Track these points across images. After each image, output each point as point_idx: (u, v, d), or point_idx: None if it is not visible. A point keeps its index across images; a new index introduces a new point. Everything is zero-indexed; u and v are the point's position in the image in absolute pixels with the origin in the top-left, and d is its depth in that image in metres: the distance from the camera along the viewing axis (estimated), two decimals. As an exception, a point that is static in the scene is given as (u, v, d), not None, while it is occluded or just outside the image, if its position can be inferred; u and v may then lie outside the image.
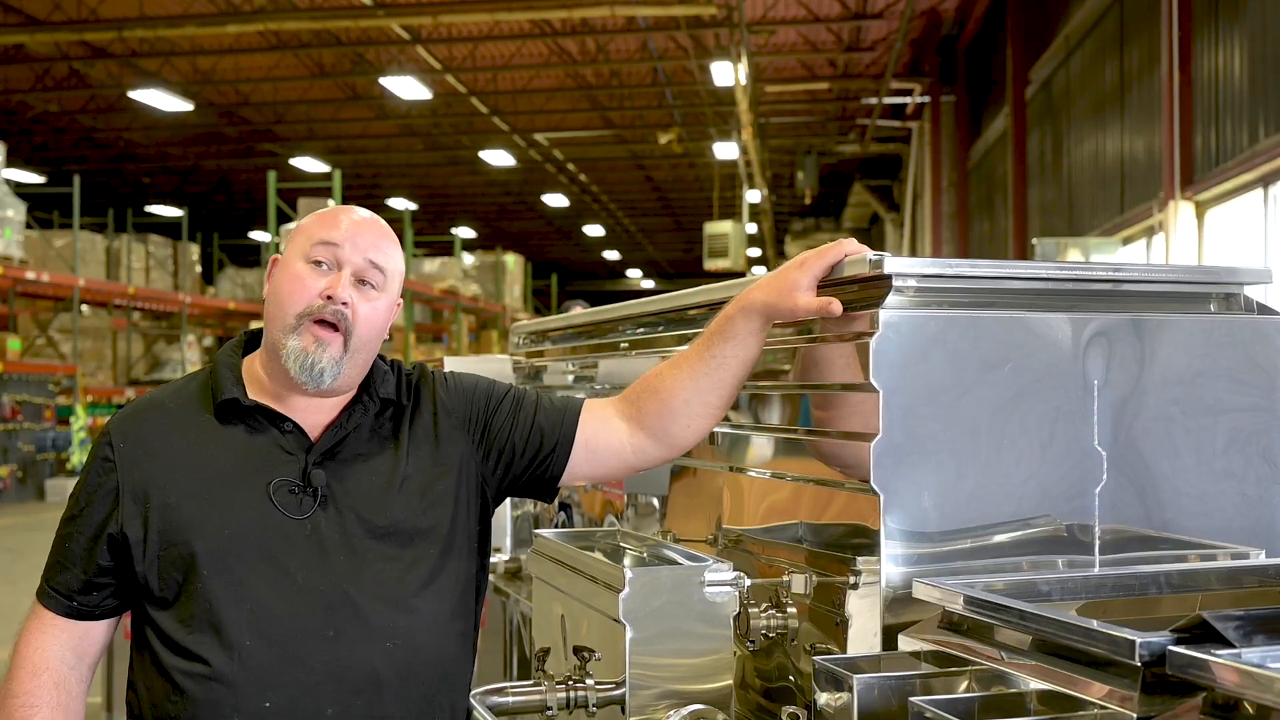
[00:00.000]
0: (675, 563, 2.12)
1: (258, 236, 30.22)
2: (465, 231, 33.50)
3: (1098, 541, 1.91)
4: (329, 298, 1.87)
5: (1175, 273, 2.21)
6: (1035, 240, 12.05)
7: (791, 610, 2.04)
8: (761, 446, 2.26)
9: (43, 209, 22.91)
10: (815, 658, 1.69)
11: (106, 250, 21.54)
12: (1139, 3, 11.09)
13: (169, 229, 25.02)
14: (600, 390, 3.20)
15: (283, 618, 1.80)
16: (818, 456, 2.02)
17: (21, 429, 17.42)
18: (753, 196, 24.25)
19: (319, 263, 1.90)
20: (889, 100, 19.88)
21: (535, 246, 39.78)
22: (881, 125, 21.17)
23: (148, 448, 1.89)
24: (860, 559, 1.87)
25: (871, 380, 1.81)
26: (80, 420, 18.12)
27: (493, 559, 2.15)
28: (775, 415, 2.21)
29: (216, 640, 1.79)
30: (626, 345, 2.95)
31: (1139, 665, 1.32)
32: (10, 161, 18.66)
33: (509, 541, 3.78)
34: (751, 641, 2.02)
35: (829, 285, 1.95)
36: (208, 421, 1.90)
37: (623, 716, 1.98)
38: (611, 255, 44.30)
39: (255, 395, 1.92)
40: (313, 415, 1.92)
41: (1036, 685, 1.47)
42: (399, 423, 1.97)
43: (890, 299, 1.85)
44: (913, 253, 20.11)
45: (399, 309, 2.00)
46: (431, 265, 25.20)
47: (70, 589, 1.89)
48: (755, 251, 32.78)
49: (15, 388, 17.36)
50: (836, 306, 1.88)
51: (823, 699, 1.66)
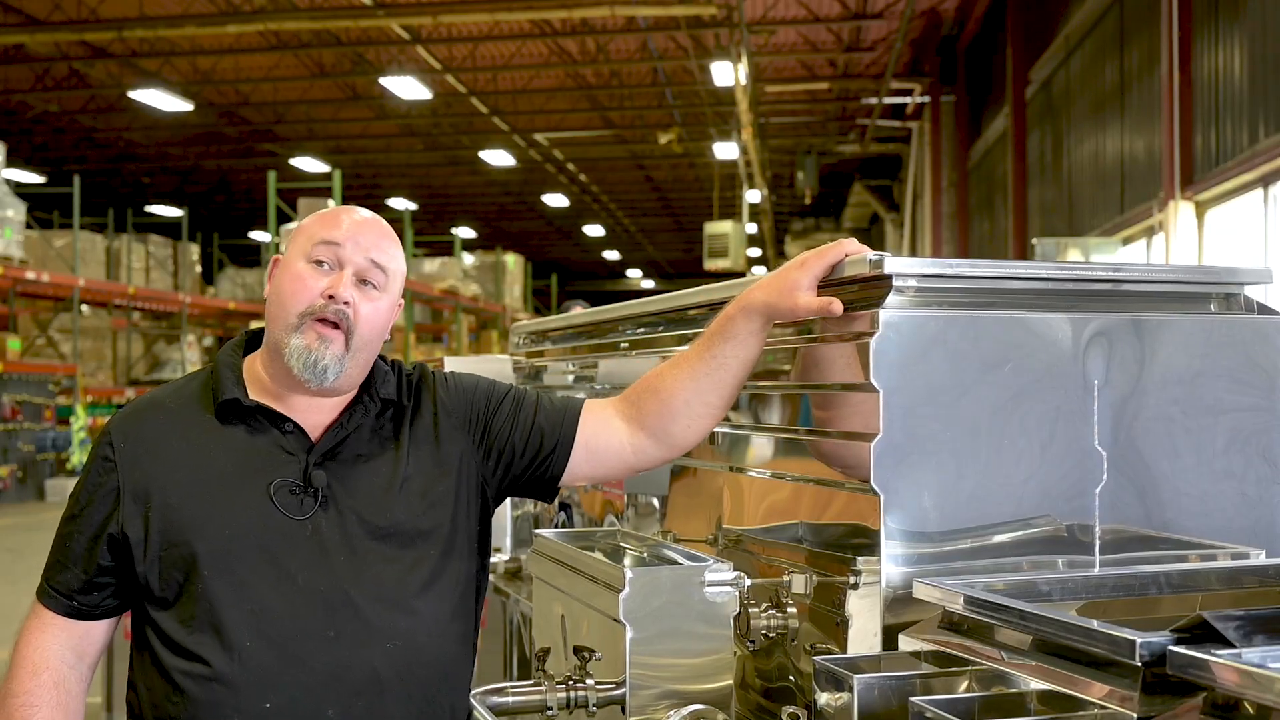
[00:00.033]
0: (675, 563, 2.12)
1: (258, 236, 30.22)
2: (465, 231, 33.50)
3: (1098, 541, 1.91)
4: (331, 297, 1.87)
5: (1175, 273, 2.21)
6: (1035, 240, 12.05)
7: (791, 610, 2.04)
8: (762, 446, 2.26)
9: (43, 209, 22.91)
10: (815, 658, 1.69)
11: (106, 250, 21.54)
12: (1139, 3, 11.09)
13: (169, 229, 25.02)
14: (600, 390, 3.20)
15: (283, 618, 1.80)
16: (818, 456, 2.02)
17: (21, 429, 17.42)
18: (753, 196, 24.25)
19: (321, 262, 1.90)
20: (889, 100, 19.88)
21: (535, 246, 39.78)
22: (881, 125, 21.16)
23: (148, 447, 1.89)
24: (860, 559, 1.87)
25: (872, 380, 1.81)
26: (80, 420, 18.11)
27: (493, 559, 2.14)
28: (775, 415, 2.21)
29: (217, 641, 1.79)
30: (626, 345, 2.95)
31: (1139, 665, 1.32)
32: (10, 161, 18.66)
33: (509, 541, 3.78)
34: (751, 641, 2.02)
35: (829, 285, 1.95)
36: (208, 421, 1.90)
37: (623, 716, 1.98)
38: (611, 255, 44.30)
39: (256, 395, 1.91)
40: (314, 415, 1.92)
41: (1037, 685, 1.47)
42: (399, 423, 1.97)
43: (890, 299, 1.85)
44: (913, 253, 20.10)
45: (400, 309, 2.00)
46: (431, 265, 25.19)
47: (70, 589, 1.89)
48: (755, 251, 32.77)
49: (15, 388, 17.36)
50: (837, 306, 1.88)
51: (823, 699, 1.66)
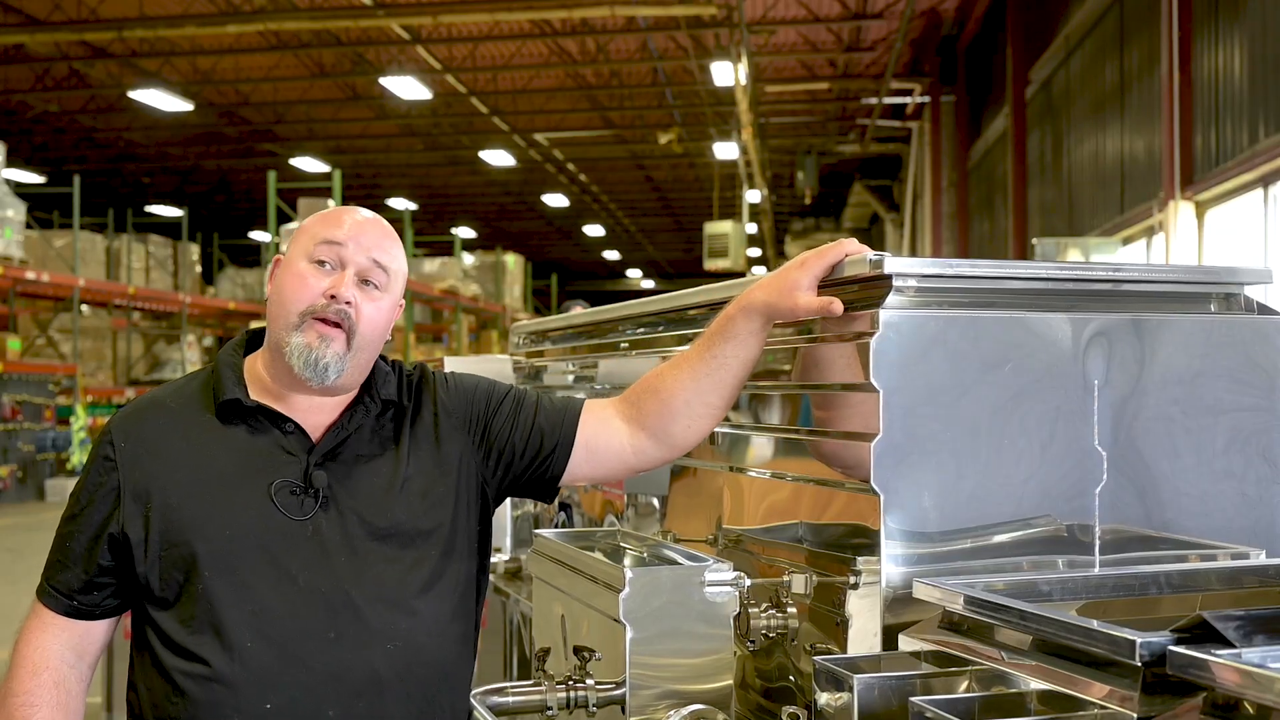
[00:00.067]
0: (675, 563, 2.12)
1: (258, 236, 30.22)
2: (465, 231, 33.50)
3: (1098, 541, 1.91)
4: (333, 297, 1.86)
5: (1175, 273, 2.21)
6: (1035, 240, 12.05)
7: (791, 610, 2.04)
8: (762, 446, 2.26)
9: (43, 209, 22.91)
10: (815, 658, 1.69)
11: (106, 250, 21.54)
12: (1139, 3, 11.09)
13: (169, 229, 25.02)
14: (600, 390, 3.20)
15: (284, 619, 1.80)
16: (818, 457, 2.02)
17: (21, 429, 17.42)
18: (753, 196, 24.25)
19: (322, 262, 1.89)
20: (889, 100, 19.88)
21: (535, 246, 39.78)
22: (881, 125, 21.16)
23: (149, 447, 1.89)
24: (860, 559, 1.87)
25: (872, 380, 1.81)
26: (80, 420, 18.11)
27: (493, 559, 2.15)
28: (775, 415, 2.21)
29: (217, 641, 1.79)
30: (626, 345, 2.95)
31: (1139, 665, 1.32)
32: (10, 161, 18.66)
33: (509, 541, 3.78)
34: (751, 641, 2.02)
35: (829, 285, 1.95)
36: (209, 421, 1.90)
37: (623, 716, 1.98)
38: (611, 255, 44.30)
39: (257, 395, 1.91)
40: (314, 416, 1.92)
41: (1037, 685, 1.47)
42: (400, 424, 1.97)
43: (890, 299, 1.85)
44: (913, 253, 20.10)
45: (401, 309, 2.00)
46: (431, 265, 25.19)
47: (71, 588, 1.89)
48: (755, 251, 32.77)
49: (15, 388, 17.36)
50: (837, 306, 1.88)
51: (823, 699, 1.66)
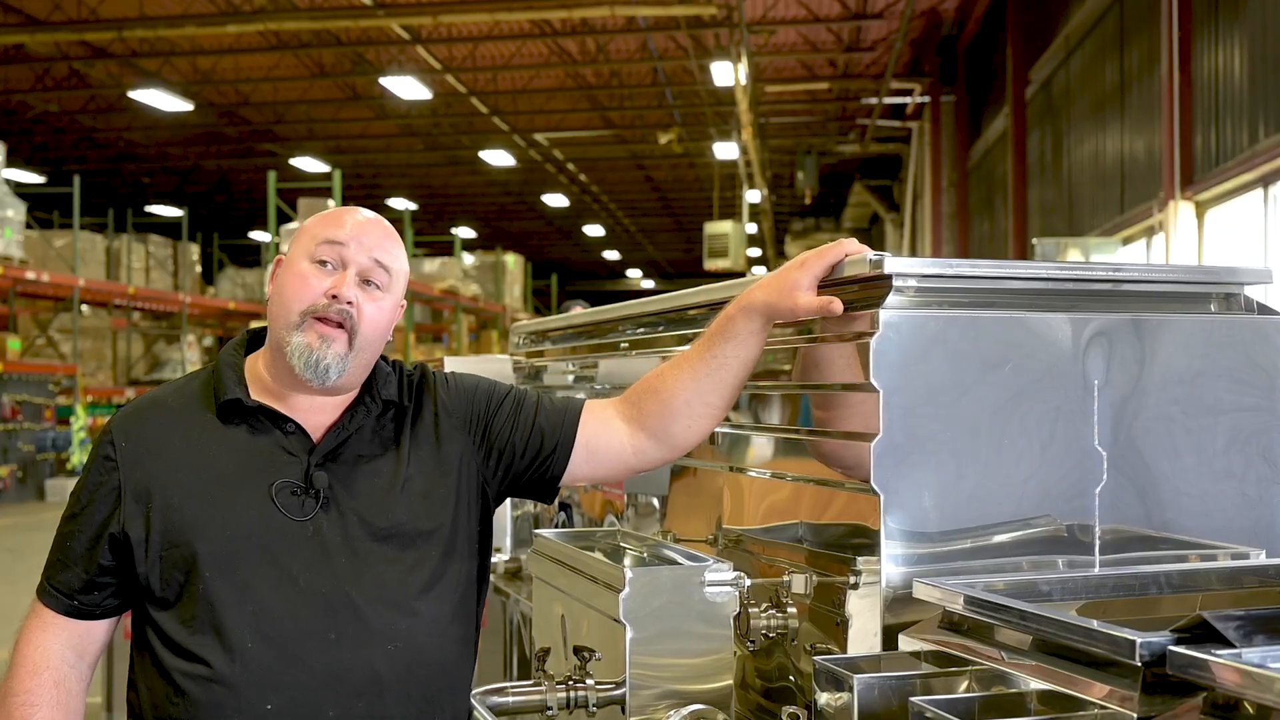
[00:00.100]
0: (675, 563, 2.12)
1: (258, 236, 30.22)
2: (465, 231, 33.50)
3: (1098, 541, 1.91)
4: (334, 297, 1.86)
5: (1175, 273, 2.21)
6: (1035, 240, 12.05)
7: (791, 610, 2.04)
8: (762, 446, 2.26)
9: (43, 209, 22.91)
10: (815, 658, 1.69)
11: (106, 250, 21.54)
12: (1139, 3, 11.09)
13: (169, 229, 25.02)
14: (600, 390, 3.20)
15: (284, 619, 1.80)
16: (818, 457, 2.02)
17: (21, 429, 17.42)
18: (753, 196, 24.25)
19: (324, 262, 1.89)
20: (889, 100, 19.88)
21: (535, 246, 39.78)
22: (881, 125, 21.16)
23: (150, 447, 1.88)
24: (860, 559, 1.87)
25: (872, 380, 1.81)
26: (80, 420, 18.12)
27: (493, 559, 2.14)
28: (775, 415, 2.21)
29: (218, 642, 1.79)
30: (626, 345, 2.95)
31: (1139, 665, 1.32)
32: (10, 161, 18.66)
33: (509, 541, 3.78)
34: (751, 641, 2.02)
35: (829, 285, 1.95)
36: (210, 421, 1.90)
37: (623, 716, 1.98)
38: (611, 255, 44.30)
39: (258, 395, 1.91)
40: (315, 416, 1.91)
41: (1037, 685, 1.47)
42: (400, 424, 1.97)
43: (890, 299, 1.85)
44: (913, 253, 20.10)
45: (403, 310, 2.00)
46: (431, 265, 25.19)
47: (71, 588, 1.88)
48: (755, 251, 32.77)
49: (15, 388, 17.36)
50: (837, 305, 1.88)
51: (823, 699, 1.66)
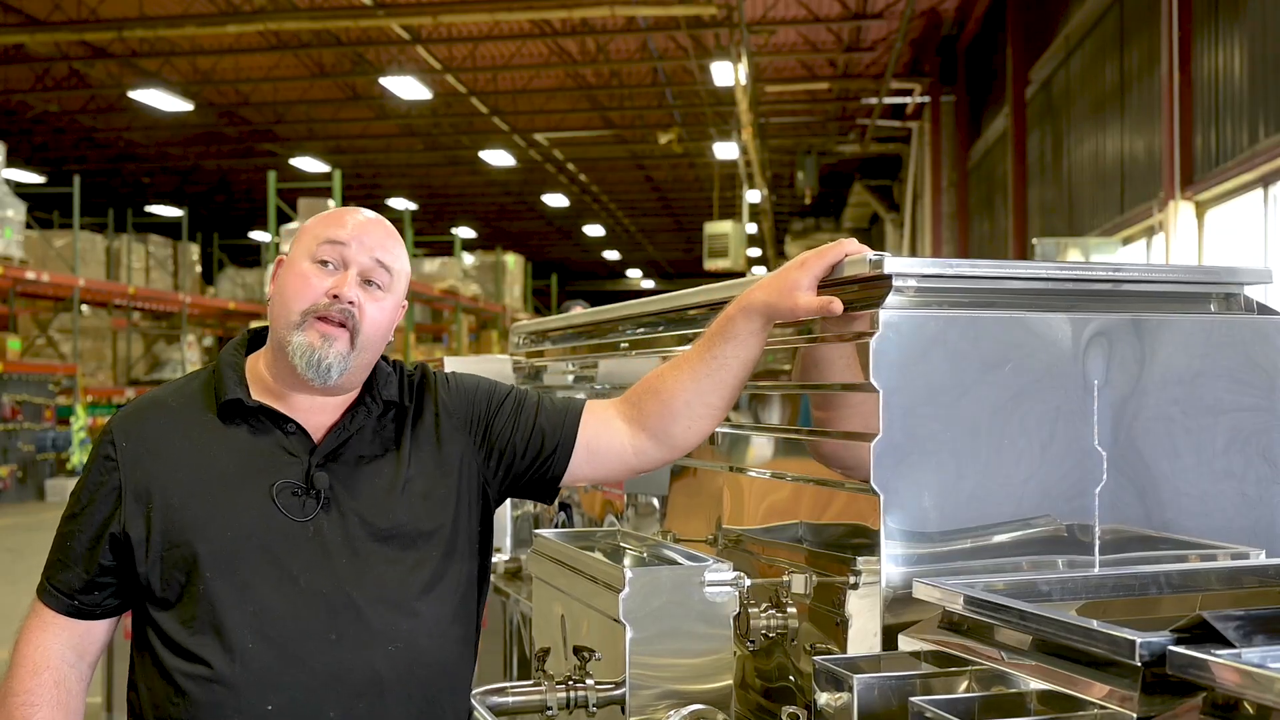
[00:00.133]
0: (675, 563, 2.12)
1: (258, 236, 30.22)
2: (465, 231, 33.50)
3: (1098, 541, 1.91)
4: (335, 297, 1.86)
5: (1175, 273, 2.21)
6: (1035, 240, 12.05)
7: (791, 610, 2.04)
8: (761, 446, 2.26)
9: (43, 209, 22.91)
10: (815, 658, 1.69)
11: (106, 250, 21.55)
12: (1139, 3, 11.09)
13: (169, 229, 25.02)
14: (600, 390, 3.21)
15: (285, 620, 1.80)
16: (818, 457, 2.02)
17: (21, 429, 17.42)
18: (753, 196, 24.25)
19: (325, 262, 1.89)
20: (889, 100, 19.88)
21: (535, 246, 39.78)
22: (881, 125, 21.16)
23: (150, 447, 1.88)
24: (860, 559, 1.87)
25: (871, 380, 1.81)
26: (80, 420, 18.11)
27: (493, 559, 2.14)
28: (775, 415, 2.21)
29: (218, 642, 1.79)
30: (626, 345, 2.95)
31: (1139, 665, 1.32)
32: (10, 161, 18.66)
33: (509, 541, 3.78)
34: (751, 641, 2.02)
35: (829, 285, 1.95)
36: (211, 421, 1.90)
37: (623, 716, 1.98)
38: (611, 255, 44.30)
39: (258, 395, 1.91)
40: (316, 416, 1.91)
41: (1036, 685, 1.47)
42: (401, 425, 1.97)
43: (890, 299, 1.85)
44: (913, 253, 20.10)
45: (404, 310, 2.00)
46: (431, 265, 25.20)
47: (72, 588, 1.88)
48: (755, 251, 32.77)
49: (15, 388, 17.36)
50: (837, 305, 1.88)
51: (823, 699, 1.66)
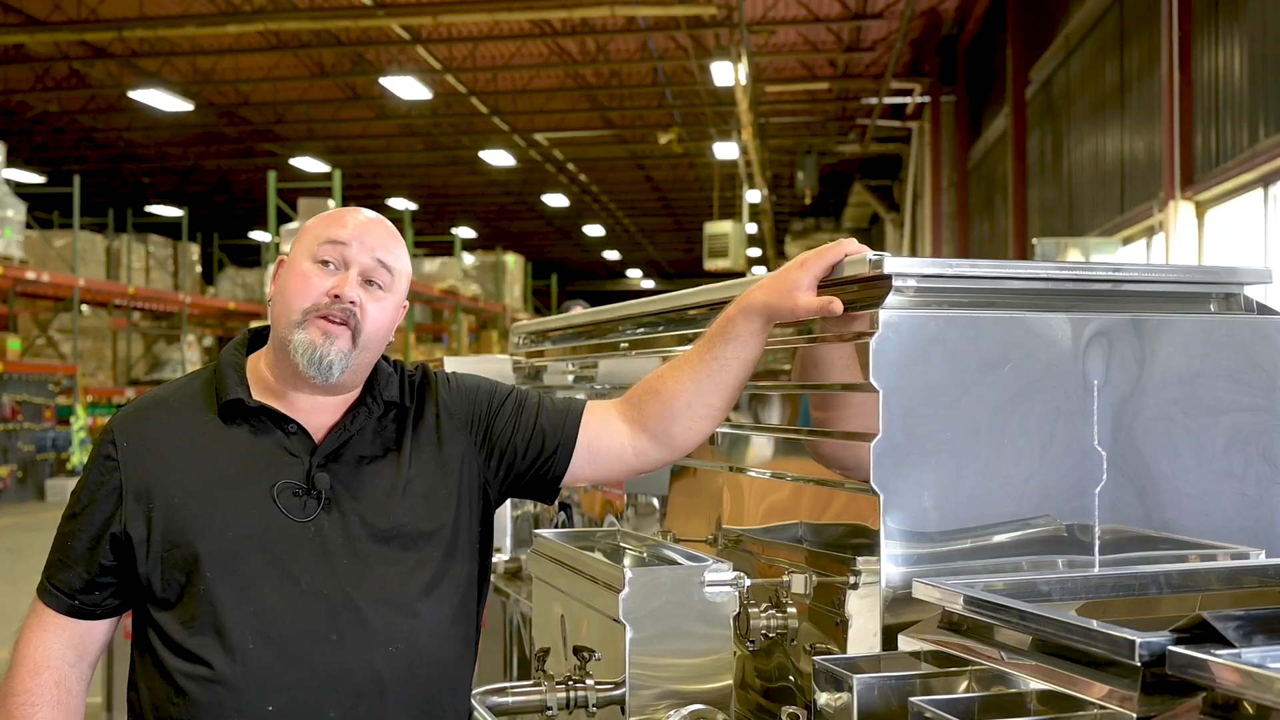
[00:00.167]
0: (675, 563, 2.12)
1: (258, 236, 30.22)
2: (465, 231, 33.50)
3: (1098, 541, 1.91)
4: (336, 296, 1.86)
5: (1175, 273, 2.21)
6: (1035, 240, 12.05)
7: (791, 610, 2.04)
8: (761, 446, 2.26)
9: (43, 209, 22.91)
10: (815, 658, 1.69)
11: (106, 250, 21.55)
12: (1139, 3, 11.09)
13: (169, 229, 25.02)
14: (600, 390, 3.21)
15: (285, 620, 1.80)
16: (818, 457, 2.02)
17: (21, 429, 17.42)
18: (753, 196, 24.25)
19: (326, 262, 1.89)
20: (889, 100, 19.88)
21: (535, 246, 39.78)
22: (881, 125, 21.16)
23: (151, 447, 1.88)
24: (860, 559, 1.87)
25: (871, 380, 1.81)
26: (80, 420, 18.11)
27: (493, 559, 2.14)
28: (775, 415, 2.21)
29: (218, 643, 1.78)
30: (626, 345, 2.95)
31: (1139, 665, 1.32)
32: (10, 161, 18.66)
33: (509, 541, 3.78)
34: (751, 641, 2.02)
35: (829, 285, 1.95)
36: (211, 421, 1.90)
37: (623, 716, 1.98)
38: (611, 255, 44.30)
39: (259, 395, 1.91)
40: (317, 416, 1.91)
41: (1036, 685, 1.47)
42: (402, 425, 1.96)
43: (890, 299, 1.85)
44: (913, 253, 20.10)
45: (405, 310, 2.00)
46: (431, 265, 25.20)
47: (72, 588, 1.88)
48: (755, 251, 32.77)
49: (15, 388, 17.36)
50: (837, 305, 1.88)
51: (823, 699, 1.66)
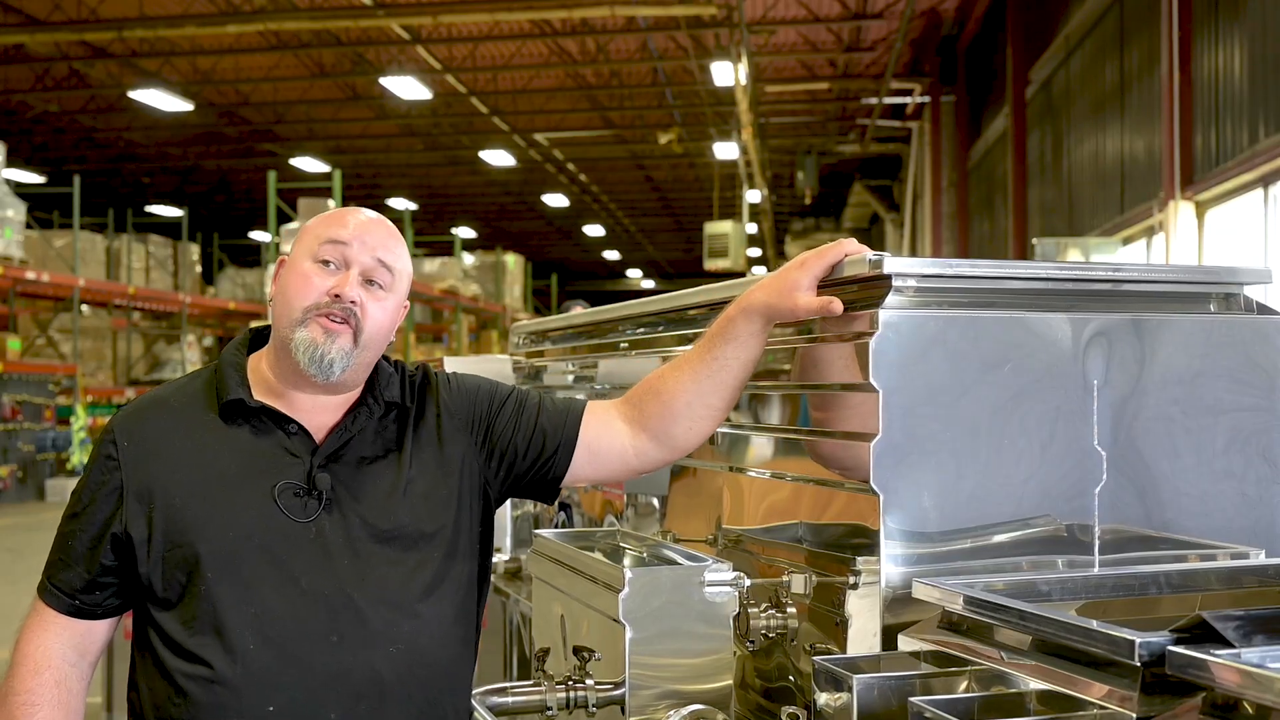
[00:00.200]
0: (675, 563, 2.12)
1: (258, 236, 30.22)
2: (465, 231, 33.50)
3: (1098, 541, 1.91)
4: (336, 296, 1.86)
5: (1175, 273, 2.21)
6: (1035, 240, 12.05)
7: (791, 610, 2.04)
8: (761, 446, 2.26)
9: (43, 209, 22.91)
10: (815, 658, 1.69)
11: (106, 250, 21.55)
12: (1139, 3, 11.09)
13: (169, 229, 25.02)
14: (600, 390, 3.21)
15: (286, 621, 1.80)
16: (817, 457, 2.02)
17: (21, 429, 17.42)
18: (753, 196, 24.25)
19: (327, 262, 1.89)
20: (889, 100, 19.88)
21: (535, 246, 39.78)
22: (881, 125, 21.16)
23: (152, 447, 1.88)
24: (860, 559, 1.87)
25: (871, 380, 1.81)
26: (80, 420, 18.11)
27: (493, 559, 2.14)
28: (775, 415, 2.21)
29: (219, 643, 1.78)
30: (626, 345, 2.95)
31: (1139, 665, 1.32)
32: (10, 161, 18.66)
33: (509, 541, 3.78)
34: (751, 641, 2.02)
35: (829, 285, 1.95)
36: (212, 421, 1.90)
37: (623, 716, 1.98)
38: (611, 255, 44.30)
39: (260, 396, 1.91)
40: (318, 416, 1.91)
41: (1036, 685, 1.47)
42: (403, 425, 1.96)
43: (890, 299, 1.85)
44: (913, 253, 20.10)
45: (406, 310, 1.99)
46: (431, 265, 25.20)
47: (73, 588, 1.88)
48: (755, 251, 32.77)
49: (15, 388, 17.36)
50: (837, 305, 1.88)
51: (822, 699, 1.66)
